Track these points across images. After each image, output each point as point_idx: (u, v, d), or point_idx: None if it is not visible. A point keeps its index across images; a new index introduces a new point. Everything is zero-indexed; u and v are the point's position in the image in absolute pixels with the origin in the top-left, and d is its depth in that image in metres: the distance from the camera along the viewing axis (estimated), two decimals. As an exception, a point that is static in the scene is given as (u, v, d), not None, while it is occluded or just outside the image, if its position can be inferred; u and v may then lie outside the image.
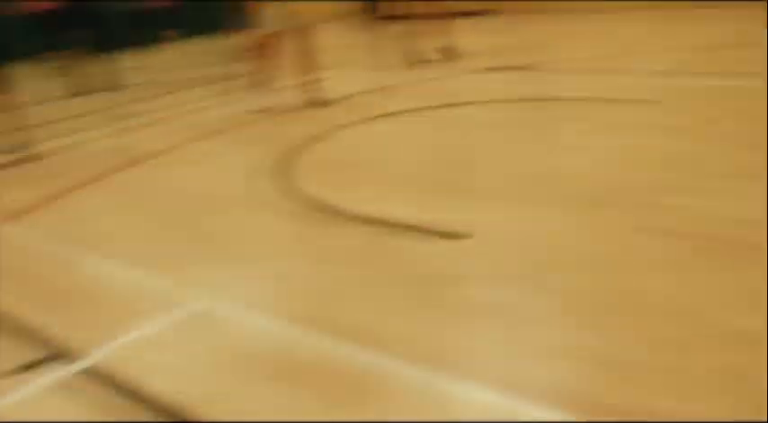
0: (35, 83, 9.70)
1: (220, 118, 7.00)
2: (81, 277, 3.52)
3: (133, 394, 2.42)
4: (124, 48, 13.55)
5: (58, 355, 2.74)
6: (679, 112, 5.33)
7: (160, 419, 2.28)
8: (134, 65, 12.73)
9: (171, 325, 2.90)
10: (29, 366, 2.68)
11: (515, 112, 5.98)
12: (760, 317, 2.46)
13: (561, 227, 3.44)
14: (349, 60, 10.11)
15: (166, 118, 7.55)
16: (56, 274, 3.59)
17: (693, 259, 2.97)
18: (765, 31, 7.42)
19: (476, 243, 3.32)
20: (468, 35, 9.11)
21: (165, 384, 2.45)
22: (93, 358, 2.69)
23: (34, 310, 3.16)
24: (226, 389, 2.42)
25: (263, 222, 3.97)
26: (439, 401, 2.23)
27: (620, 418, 2.05)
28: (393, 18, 12.47)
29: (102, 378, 2.55)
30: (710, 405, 2.06)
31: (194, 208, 4.35)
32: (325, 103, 6.80)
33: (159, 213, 4.34)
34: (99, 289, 3.35)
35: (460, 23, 8.90)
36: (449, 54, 8.81)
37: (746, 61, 6.67)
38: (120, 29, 13.86)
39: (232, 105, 7.33)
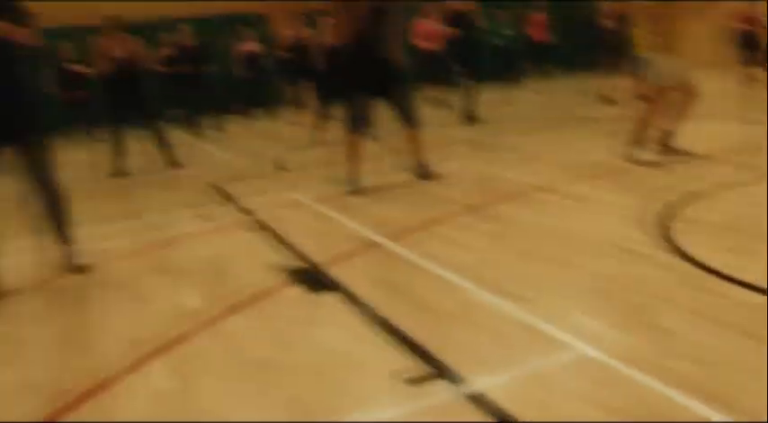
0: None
1: (594, 161, 6.95)
2: (462, 302, 3.69)
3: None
4: (494, 81, 14.27)
5: (441, 374, 2.88)
6: None
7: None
8: (503, 98, 13.33)
9: (550, 365, 2.91)
10: (415, 381, 2.85)
11: None
12: None
13: None
14: (726, 112, 9.51)
15: (538, 155, 7.74)
16: (438, 296, 3.79)
17: None
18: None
19: None
20: None
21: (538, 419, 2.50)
22: (478, 383, 2.79)
23: (421, 327, 3.37)
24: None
25: (642, 274, 3.81)
26: None
27: None
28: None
29: (482, 405, 2.64)
30: None
31: (570, 250, 4.34)
32: (701, 158, 6.44)
33: (536, 250, 4.40)
34: (481, 317, 3.47)
35: None
36: None
37: None
38: (494, 62, 14.61)
39: (607, 150, 7.21)
